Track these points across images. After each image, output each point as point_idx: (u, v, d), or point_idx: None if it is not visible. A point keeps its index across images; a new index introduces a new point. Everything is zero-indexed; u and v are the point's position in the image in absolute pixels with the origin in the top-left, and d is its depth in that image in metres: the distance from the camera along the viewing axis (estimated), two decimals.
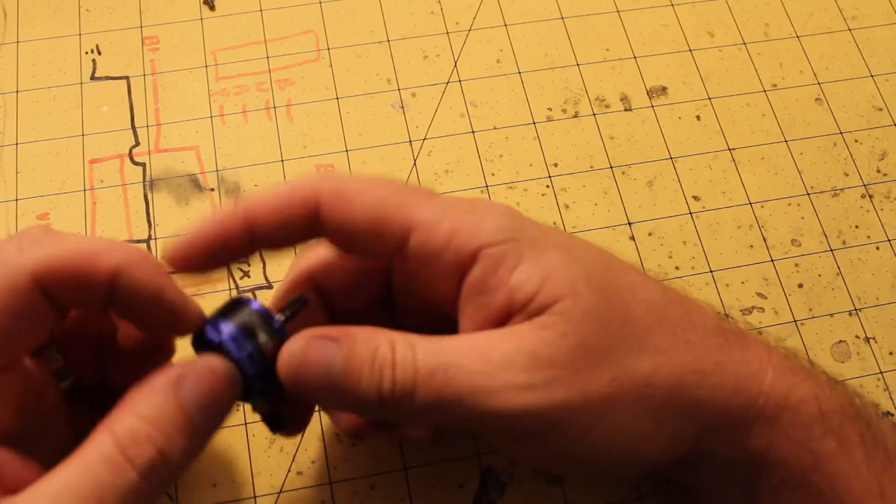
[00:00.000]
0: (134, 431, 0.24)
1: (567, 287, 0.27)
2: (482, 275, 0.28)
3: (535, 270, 0.27)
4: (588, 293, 0.27)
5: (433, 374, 0.26)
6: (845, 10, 0.50)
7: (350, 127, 0.44)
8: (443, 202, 0.29)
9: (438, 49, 0.47)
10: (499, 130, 0.45)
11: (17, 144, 0.43)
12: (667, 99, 0.46)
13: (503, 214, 0.29)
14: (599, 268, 0.29)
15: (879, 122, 0.47)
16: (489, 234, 0.28)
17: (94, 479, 0.23)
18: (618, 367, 0.27)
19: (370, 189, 0.28)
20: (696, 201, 0.44)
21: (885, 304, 0.42)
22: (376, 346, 0.26)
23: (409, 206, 0.28)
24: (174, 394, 0.25)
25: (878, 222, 0.44)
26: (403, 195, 0.28)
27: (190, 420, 0.25)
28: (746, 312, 0.41)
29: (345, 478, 0.36)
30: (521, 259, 0.28)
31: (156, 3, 0.47)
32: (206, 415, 0.26)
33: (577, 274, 0.28)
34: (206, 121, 0.44)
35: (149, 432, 0.24)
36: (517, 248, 0.28)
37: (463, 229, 0.28)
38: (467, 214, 0.28)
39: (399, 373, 0.26)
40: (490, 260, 0.27)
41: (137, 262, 0.26)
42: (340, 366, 0.26)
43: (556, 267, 0.28)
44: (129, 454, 0.24)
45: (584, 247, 0.30)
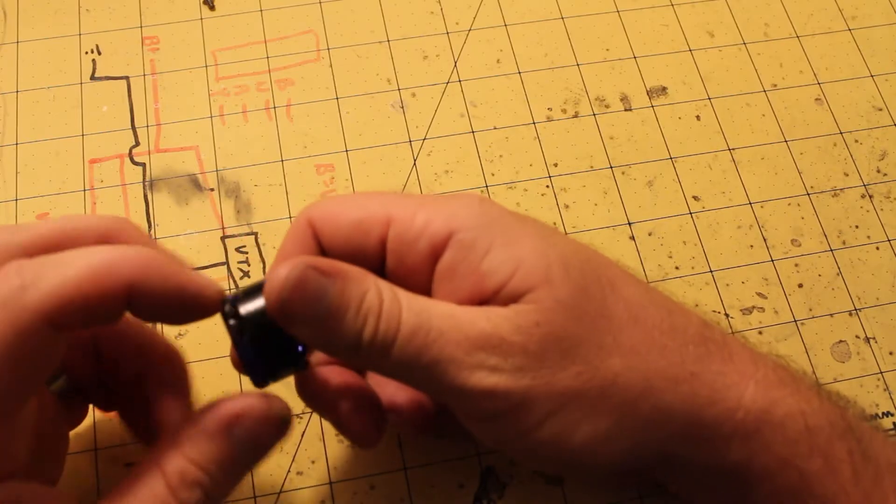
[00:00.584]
0: (184, 474, 0.25)
1: (541, 275, 0.27)
2: (452, 260, 0.28)
3: (508, 256, 0.27)
4: (563, 282, 0.27)
5: (415, 332, 0.26)
6: (845, 10, 0.50)
7: (350, 127, 0.44)
8: (420, 197, 0.29)
9: (438, 49, 0.47)
10: (499, 130, 0.45)
11: (17, 144, 0.43)
12: (667, 99, 0.46)
13: (478, 203, 0.29)
14: (579, 259, 0.28)
15: (879, 122, 0.47)
16: (461, 220, 0.28)
17: None
18: (585, 361, 0.27)
19: (352, 202, 0.30)
20: (696, 201, 0.44)
21: (885, 304, 0.42)
22: (365, 290, 0.26)
23: (387, 204, 0.29)
24: (226, 439, 0.25)
25: (878, 222, 0.44)
26: (381, 198, 0.29)
27: (237, 464, 0.26)
28: (746, 312, 0.41)
29: (345, 478, 0.36)
30: (493, 245, 0.27)
31: (156, 3, 0.47)
32: (254, 458, 0.26)
33: (553, 261, 0.27)
34: (206, 121, 0.44)
35: (198, 476, 0.25)
36: (489, 233, 0.28)
37: (437, 218, 0.28)
38: (442, 205, 0.29)
39: (383, 323, 0.26)
40: (460, 245, 0.27)
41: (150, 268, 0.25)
42: (330, 301, 0.26)
43: (529, 254, 0.27)
44: (180, 496, 0.24)
45: (562, 238, 0.29)
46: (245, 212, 0.42)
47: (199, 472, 0.25)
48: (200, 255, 0.40)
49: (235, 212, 0.42)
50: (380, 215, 0.29)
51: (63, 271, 0.24)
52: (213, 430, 0.25)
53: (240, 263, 0.40)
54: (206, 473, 0.25)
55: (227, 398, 0.26)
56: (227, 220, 0.41)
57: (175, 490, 0.24)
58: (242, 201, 0.42)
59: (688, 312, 0.30)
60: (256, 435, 0.26)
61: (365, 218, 0.29)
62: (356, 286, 0.26)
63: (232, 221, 0.41)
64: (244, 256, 0.41)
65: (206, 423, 0.26)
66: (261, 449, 0.26)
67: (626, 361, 0.27)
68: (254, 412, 0.26)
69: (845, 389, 0.40)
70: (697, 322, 0.29)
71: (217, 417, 0.26)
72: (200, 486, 0.25)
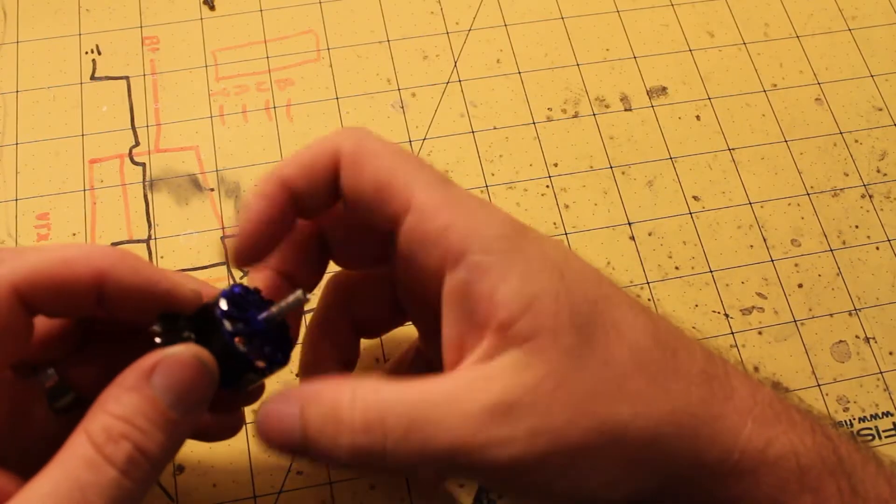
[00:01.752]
0: (108, 430, 0.24)
1: (550, 320, 0.26)
2: (466, 282, 0.27)
3: (521, 291, 0.26)
4: (569, 331, 0.26)
5: (409, 433, 0.25)
6: (845, 10, 0.50)
7: None
8: (448, 191, 0.28)
9: (438, 49, 0.47)
10: (499, 130, 0.45)
11: (17, 144, 0.43)
12: (667, 99, 0.46)
13: (503, 224, 0.28)
14: (590, 300, 0.27)
15: (879, 122, 0.47)
16: (482, 240, 0.27)
17: (75, 479, 0.23)
18: (594, 414, 0.26)
19: (382, 156, 0.28)
20: (696, 201, 0.44)
21: (885, 304, 0.42)
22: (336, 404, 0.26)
23: (415, 183, 0.27)
24: (145, 389, 0.25)
25: (878, 222, 0.44)
26: (413, 170, 0.28)
27: (164, 414, 0.25)
28: (746, 312, 0.41)
29: (345, 478, 0.36)
30: (509, 274, 0.26)
31: (156, 3, 0.47)
32: (182, 407, 0.25)
33: (564, 306, 0.27)
34: (206, 121, 0.44)
35: (122, 429, 0.24)
36: (508, 261, 0.27)
37: (458, 226, 0.27)
38: (467, 214, 0.27)
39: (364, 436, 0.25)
40: (476, 268, 0.26)
41: (120, 262, 0.26)
42: (299, 433, 0.25)
43: (544, 293, 0.27)
44: (106, 452, 0.24)
45: (581, 272, 0.28)
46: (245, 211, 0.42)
47: (124, 426, 0.24)
48: (200, 255, 0.40)
49: (235, 212, 0.42)
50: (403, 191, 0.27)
51: (37, 255, 0.25)
52: (132, 383, 0.25)
53: None
54: (130, 425, 0.24)
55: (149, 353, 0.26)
56: (228, 220, 0.42)
57: (101, 447, 0.24)
58: (242, 201, 0.42)
59: (692, 348, 0.29)
60: (178, 380, 0.25)
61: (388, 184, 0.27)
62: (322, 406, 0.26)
63: (232, 221, 0.41)
64: None
65: (125, 377, 0.25)
66: (187, 397, 0.25)
67: (633, 409, 0.27)
68: (170, 359, 0.25)
69: (845, 389, 0.40)
70: (702, 358, 0.29)
71: (135, 370, 0.25)
72: (127, 439, 0.24)
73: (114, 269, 0.26)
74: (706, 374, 0.28)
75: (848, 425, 0.39)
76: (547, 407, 0.26)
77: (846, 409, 0.39)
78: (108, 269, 0.26)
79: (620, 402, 0.27)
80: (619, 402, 0.27)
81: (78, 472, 0.23)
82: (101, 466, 0.23)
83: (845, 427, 0.39)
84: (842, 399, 0.39)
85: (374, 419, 0.25)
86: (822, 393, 0.40)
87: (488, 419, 0.25)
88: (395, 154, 0.28)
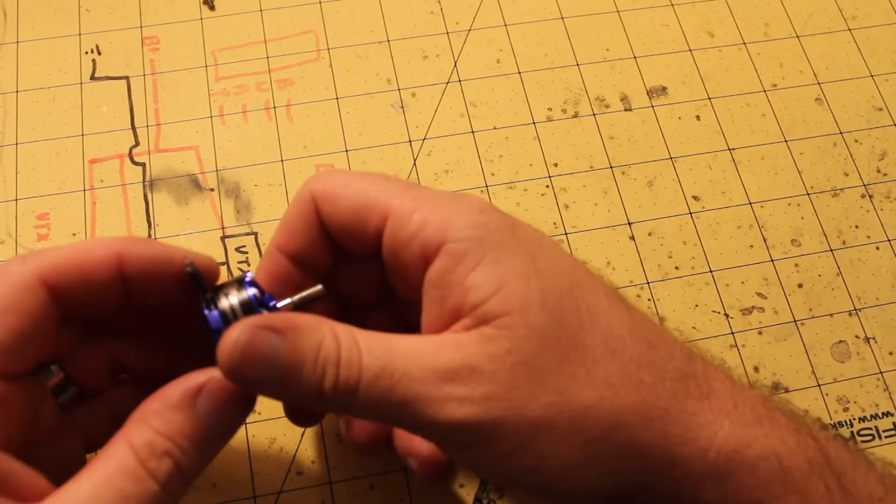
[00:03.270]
0: (152, 445, 0.25)
1: (519, 300, 0.27)
2: (442, 270, 0.27)
3: (493, 275, 0.27)
4: (539, 311, 0.27)
5: (379, 375, 0.26)
6: (845, 10, 0.50)
7: (350, 127, 0.44)
8: (421, 193, 0.29)
9: (438, 49, 0.47)
10: (499, 130, 0.45)
11: (17, 144, 0.43)
12: (667, 99, 0.46)
13: (478, 211, 0.28)
14: (563, 285, 0.28)
15: (879, 122, 0.47)
16: (457, 229, 0.28)
17: (119, 489, 0.24)
18: (556, 392, 0.26)
19: (354, 183, 0.29)
20: (696, 201, 0.44)
21: (885, 304, 0.42)
22: (320, 339, 0.26)
23: (388, 195, 0.29)
24: (190, 410, 0.26)
25: (878, 222, 0.44)
26: (382, 185, 0.29)
27: (204, 436, 0.26)
28: (746, 312, 0.41)
29: (345, 478, 0.36)
30: (482, 260, 0.27)
31: (156, 3, 0.47)
32: (220, 430, 0.27)
33: (535, 288, 0.27)
34: (206, 121, 0.44)
35: (166, 447, 0.25)
36: (481, 247, 0.27)
37: (434, 221, 0.28)
38: (441, 207, 0.28)
39: (342, 371, 0.26)
40: (451, 256, 0.27)
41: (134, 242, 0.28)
42: (283, 359, 0.25)
43: (514, 276, 0.27)
44: (150, 467, 0.25)
45: (554, 259, 0.29)
46: (245, 212, 0.42)
47: (167, 443, 0.25)
48: None
49: (235, 212, 0.42)
50: (379, 205, 0.29)
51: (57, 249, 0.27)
52: (177, 403, 0.26)
53: (240, 263, 0.40)
54: (174, 444, 0.25)
55: (194, 372, 0.27)
56: (227, 219, 0.42)
57: (144, 461, 0.25)
58: (242, 201, 0.42)
59: (671, 345, 0.29)
60: (219, 407, 0.26)
61: (364, 206, 0.29)
62: (309, 338, 0.26)
63: (232, 221, 0.41)
64: (244, 256, 0.41)
65: (170, 395, 0.26)
66: (226, 421, 0.27)
67: (598, 394, 0.27)
68: (215, 384, 0.26)
69: (845, 389, 0.40)
70: (680, 356, 0.29)
71: (180, 390, 0.26)
72: (170, 457, 0.25)
73: (130, 249, 0.27)
74: (682, 371, 0.28)
75: (848, 425, 0.39)
76: (508, 378, 0.26)
77: (846, 409, 0.39)
78: (125, 250, 0.27)
79: (585, 384, 0.27)
80: (584, 385, 0.27)
81: (122, 483, 0.24)
82: (144, 479, 0.25)
83: (838, 429, 0.39)
84: (842, 399, 0.39)
85: (354, 358, 0.26)
86: (822, 393, 0.40)
87: (449, 378, 0.26)
88: (363, 178, 0.30)
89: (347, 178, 0.30)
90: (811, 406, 0.39)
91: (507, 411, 0.26)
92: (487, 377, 0.26)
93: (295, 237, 0.30)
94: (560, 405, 0.26)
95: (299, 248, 0.30)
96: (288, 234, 0.30)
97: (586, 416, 0.26)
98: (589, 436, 0.26)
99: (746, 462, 0.27)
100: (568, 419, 0.26)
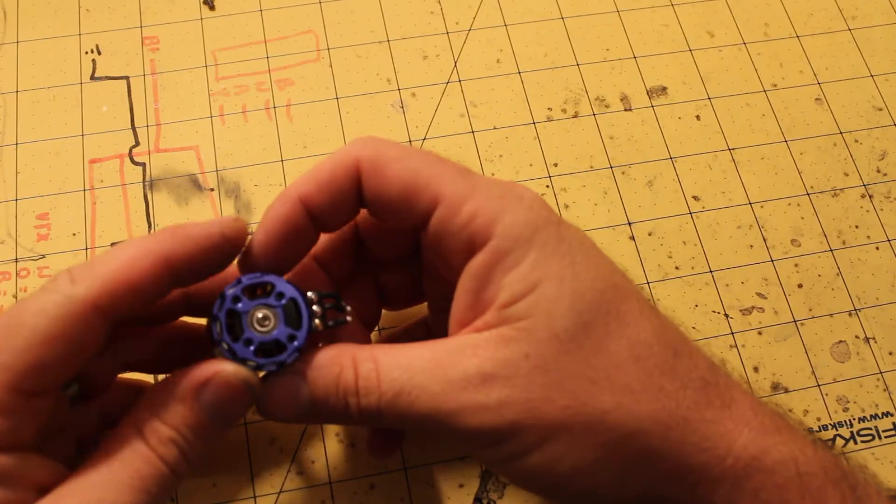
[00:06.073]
0: (160, 435, 0.27)
1: (547, 304, 0.27)
2: (483, 264, 0.28)
3: (529, 276, 0.27)
4: (566, 314, 0.27)
5: (398, 396, 0.27)
6: (845, 10, 0.50)
7: (350, 127, 0.44)
8: (473, 180, 0.29)
9: (438, 49, 0.47)
10: (499, 130, 0.45)
11: (17, 144, 0.43)
12: (667, 99, 0.46)
13: (528, 209, 0.28)
14: (598, 287, 0.28)
15: (879, 122, 0.47)
16: (504, 227, 0.28)
17: (134, 468, 0.26)
18: (574, 396, 0.27)
19: (404, 159, 0.29)
20: (696, 201, 0.44)
21: (885, 304, 0.42)
22: (339, 370, 0.28)
23: (440, 179, 0.28)
24: (195, 402, 0.27)
25: (878, 222, 0.44)
26: (436, 167, 0.29)
27: (207, 427, 0.27)
28: (746, 312, 0.41)
29: (345, 478, 0.36)
30: (522, 261, 0.27)
31: (156, 3, 0.47)
32: (222, 423, 0.28)
33: (566, 291, 0.27)
34: (206, 121, 0.44)
35: (171, 436, 0.27)
36: (525, 247, 0.28)
37: (484, 213, 0.28)
38: (493, 199, 0.28)
39: (362, 400, 0.27)
40: (495, 252, 0.28)
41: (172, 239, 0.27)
42: (307, 399, 0.28)
43: (549, 278, 0.27)
44: (159, 452, 0.26)
45: (593, 261, 0.29)
46: (245, 212, 0.42)
47: (172, 432, 0.27)
48: None
49: (235, 212, 0.42)
50: (431, 189, 0.28)
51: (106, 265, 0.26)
52: (183, 395, 0.27)
53: None
54: (178, 434, 0.27)
55: (200, 364, 0.27)
56: None
57: (154, 447, 0.26)
58: (242, 201, 0.42)
59: (696, 355, 0.29)
60: (222, 400, 0.27)
61: (414, 187, 0.28)
62: (328, 372, 0.28)
63: None
64: None
65: (177, 387, 0.27)
66: (228, 414, 0.28)
67: (617, 400, 0.27)
68: (219, 378, 0.27)
69: (845, 390, 0.40)
70: (704, 365, 0.29)
71: (187, 383, 0.27)
72: (176, 445, 0.27)
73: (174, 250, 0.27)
74: (705, 380, 0.28)
75: (848, 425, 0.39)
76: (523, 382, 0.27)
77: (846, 409, 0.39)
78: (169, 253, 0.27)
79: (604, 389, 0.27)
80: (603, 390, 0.27)
81: (136, 464, 0.26)
82: (155, 462, 0.26)
83: (838, 429, 0.39)
84: (842, 399, 0.39)
85: (372, 385, 0.27)
86: (822, 393, 0.40)
87: (464, 387, 0.27)
88: (415, 155, 0.29)
89: (398, 151, 0.29)
90: (811, 406, 0.39)
91: (520, 415, 0.27)
92: (502, 383, 0.27)
93: (323, 193, 0.29)
94: (576, 409, 0.27)
95: (324, 205, 0.29)
96: (316, 186, 0.29)
97: (602, 421, 0.27)
98: (604, 440, 0.27)
99: (764, 467, 0.27)
100: (583, 423, 0.27)
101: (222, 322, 0.28)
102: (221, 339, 0.28)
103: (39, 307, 0.25)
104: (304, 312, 0.28)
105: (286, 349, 0.28)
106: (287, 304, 0.28)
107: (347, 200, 0.29)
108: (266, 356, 0.28)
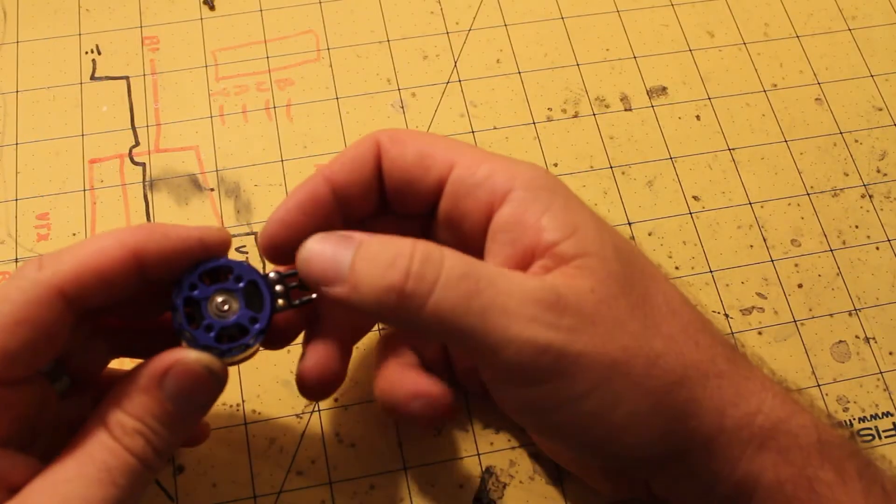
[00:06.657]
0: (124, 426, 0.26)
1: (596, 245, 0.27)
2: (512, 213, 0.28)
3: (566, 219, 0.28)
4: (615, 260, 0.28)
5: (463, 277, 0.26)
6: (845, 10, 0.50)
7: (350, 127, 0.44)
8: (485, 152, 0.30)
9: (438, 49, 0.47)
10: (499, 130, 0.45)
11: (17, 144, 0.43)
12: (667, 99, 0.46)
13: (542, 170, 0.30)
14: (627, 246, 0.29)
15: (879, 122, 0.47)
16: (524, 180, 0.28)
17: (102, 462, 0.25)
18: (633, 336, 0.27)
19: (422, 136, 0.31)
20: (696, 201, 0.44)
21: (885, 304, 0.42)
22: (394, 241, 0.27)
23: (455, 149, 0.30)
24: (157, 392, 0.27)
25: (878, 222, 0.44)
26: (451, 142, 0.31)
27: (171, 415, 0.27)
28: (746, 312, 0.41)
29: (345, 478, 0.36)
30: (552, 206, 0.28)
31: (156, 3, 0.47)
32: (187, 410, 0.27)
33: (607, 239, 0.28)
34: (206, 121, 0.44)
35: (136, 427, 0.26)
36: (549, 196, 0.28)
37: (501, 172, 0.29)
38: (507, 163, 0.29)
39: (417, 266, 0.26)
40: (520, 202, 0.28)
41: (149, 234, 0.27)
42: (351, 253, 0.27)
43: (586, 224, 0.28)
44: (125, 443, 0.26)
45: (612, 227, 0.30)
46: (245, 212, 0.42)
47: (138, 424, 0.26)
48: None
49: (235, 212, 0.42)
50: (445, 156, 0.30)
51: (75, 252, 0.26)
52: (146, 385, 0.27)
53: None
54: (143, 424, 0.26)
55: (162, 353, 0.27)
56: (227, 220, 0.42)
57: (119, 439, 0.26)
58: (242, 201, 0.42)
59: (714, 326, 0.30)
60: (185, 388, 0.27)
61: (430, 153, 0.30)
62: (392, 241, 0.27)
63: (232, 221, 0.41)
64: (244, 256, 0.41)
65: (138, 378, 0.27)
66: (194, 401, 0.27)
67: (667, 345, 0.27)
68: (180, 366, 0.27)
69: (845, 389, 0.40)
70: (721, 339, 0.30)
71: (148, 372, 0.27)
72: (142, 436, 0.26)
73: (147, 243, 0.27)
74: (730, 343, 0.29)
75: (848, 425, 0.39)
76: (591, 313, 0.26)
77: (846, 409, 0.39)
78: (140, 245, 0.27)
79: (655, 335, 0.27)
80: (654, 335, 0.27)
81: (103, 457, 0.26)
82: (121, 454, 0.26)
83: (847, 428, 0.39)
84: (842, 399, 0.39)
85: (434, 256, 0.26)
86: (822, 393, 0.40)
87: (535, 301, 0.26)
88: (430, 135, 0.31)
89: (415, 132, 0.31)
90: None
91: (588, 346, 0.26)
92: (574, 309, 0.26)
93: (346, 172, 0.30)
94: (636, 349, 0.27)
95: (349, 184, 0.30)
96: (341, 166, 0.30)
97: (657, 364, 0.27)
98: (658, 384, 0.27)
99: (790, 429, 0.28)
100: (643, 364, 0.27)
101: (180, 310, 0.28)
102: (181, 328, 0.27)
103: (3, 294, 0.25)
104: (265, 294, 0.28)
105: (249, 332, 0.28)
106: (246, 286, 0.28)
107: (368, 176, 0.30)
108: (232, 341, 0.28)
